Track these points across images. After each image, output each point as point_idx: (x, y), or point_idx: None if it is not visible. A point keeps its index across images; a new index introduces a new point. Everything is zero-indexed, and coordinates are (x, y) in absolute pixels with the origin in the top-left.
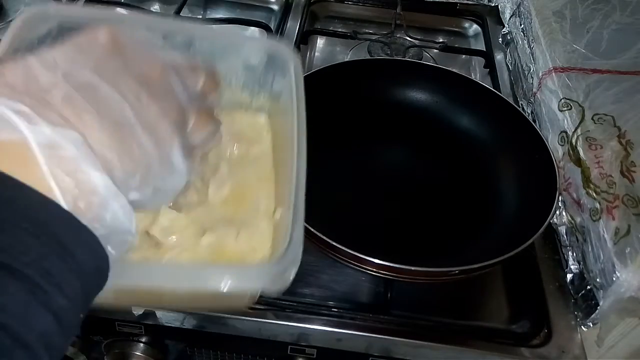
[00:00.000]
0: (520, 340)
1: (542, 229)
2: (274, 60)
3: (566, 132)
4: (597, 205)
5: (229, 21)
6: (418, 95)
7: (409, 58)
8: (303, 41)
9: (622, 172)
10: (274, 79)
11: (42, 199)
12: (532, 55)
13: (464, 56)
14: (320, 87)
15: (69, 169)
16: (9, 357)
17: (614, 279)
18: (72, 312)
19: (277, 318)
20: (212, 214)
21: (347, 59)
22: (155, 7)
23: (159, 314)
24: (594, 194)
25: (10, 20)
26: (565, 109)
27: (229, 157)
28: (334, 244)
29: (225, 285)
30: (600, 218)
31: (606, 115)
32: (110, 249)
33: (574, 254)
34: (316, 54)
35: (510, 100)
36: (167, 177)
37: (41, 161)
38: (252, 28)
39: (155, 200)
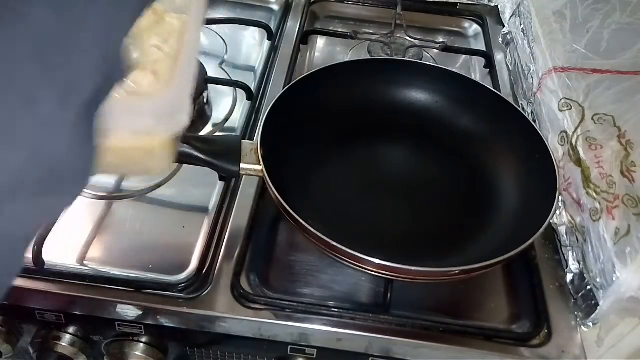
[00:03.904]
0: (520, 340)
1: (542, 229)
2: None
3: (566, 132)
4: (597, 205)
5: (229, 21)
6: (418, 95)
7: (409, 58)
8: (303, 41)
9: (622, 172)
10: None
11: None
12: (532, 55)
13: (464, 56)
14: (320, 87)
15: None
16: None
17: (614, 279)
18: None
19: (277, 318)
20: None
21: (347, 59)
22: None
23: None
24: (594, 194)
25: None
26: (565, 109)
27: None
28: (334, 244)
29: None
30: (600, 218)
31: (606, 115)
32: None
33: (574, 254)
34: (316, 54)
35: (510, 100)
36: None
37: None
38: (252, 28)
39: None
